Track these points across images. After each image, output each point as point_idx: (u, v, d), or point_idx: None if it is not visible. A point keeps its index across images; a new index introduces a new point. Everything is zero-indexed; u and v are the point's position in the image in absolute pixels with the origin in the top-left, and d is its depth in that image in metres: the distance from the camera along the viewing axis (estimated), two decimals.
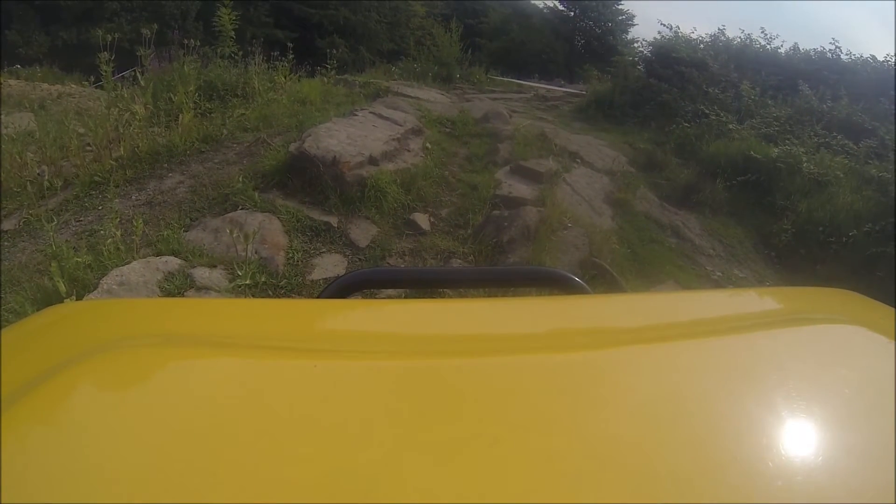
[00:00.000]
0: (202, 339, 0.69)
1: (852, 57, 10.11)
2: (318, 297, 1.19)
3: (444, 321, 0.79)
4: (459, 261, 3.99)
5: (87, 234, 3.83)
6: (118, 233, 3.31)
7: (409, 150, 5.56)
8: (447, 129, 6.82)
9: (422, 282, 1.70)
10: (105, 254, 3.22)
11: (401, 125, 5.93)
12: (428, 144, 5.93)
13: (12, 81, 9.08)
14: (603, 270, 3.91)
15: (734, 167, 6.97)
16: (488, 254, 3.99)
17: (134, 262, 3.14)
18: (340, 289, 1.14)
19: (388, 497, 0.39)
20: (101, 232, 3.63)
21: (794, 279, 5.67)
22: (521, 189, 5.03)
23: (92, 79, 8.48)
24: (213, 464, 0.42)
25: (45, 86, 9.38)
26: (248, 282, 3.09)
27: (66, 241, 3.64)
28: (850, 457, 0.46)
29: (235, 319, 0.79)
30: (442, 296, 2.88)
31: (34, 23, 20.31)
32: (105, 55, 5.38)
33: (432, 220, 4.57)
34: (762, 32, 10.68)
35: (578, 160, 6.25)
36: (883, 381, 0.58)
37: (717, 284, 4.90)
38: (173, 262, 3.19)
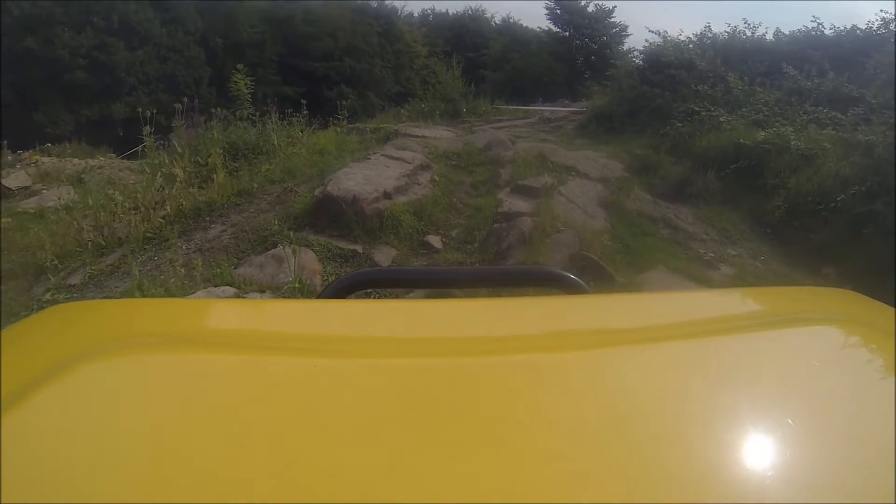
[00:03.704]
0: (202, 339, 0.74)
1: (836, 30, 10.77)
2: (318, 298, 1.28)
3: (444, 321, 0.82)
4: None
5: (148, 278, 4.64)
6: (182, 271, 4.27)
7: (418, 184, 6.47)
8: (453, 162, 7.70)
9: (421, 282, 1.83)
10: (174, 287, 4.17)
11: (409, 163, 6.84)
12: (436, 177, 6.83)
13: (45, 159, 9.96)
14: (591, 262, 4.71)
15: (725, 157, 7.60)
16: (491, 260, 4.88)
17: (199, 291, 4.10)
18: (340, 289, 1.19)
19: (389, 497, 0.41)
20: (161, 277, 4.55)
21: (789, 250, 6.25)
22: (519, 205, 5.89)
23: (134, 150, 9.59)
24: (213, 463, 0.44)
25: (76, 160, 10.26)
26: (297, 285, 4.01)
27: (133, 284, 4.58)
28: (851, 457, 0.47)
29: (235, 319, 0.85)
30: (442, 296, 2.99)
31: (58, 103, 22.19)
32: (147, 129, 6.53)
33: (444, 240, 5.47)
34: (745, 23, 11.42)
35: (573, 173, 7.09)
36: (883, 380, 0.60)
37: (709, 264, 5.61)
38: (230, 290, 4.15)
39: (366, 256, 4.98)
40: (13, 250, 5.88)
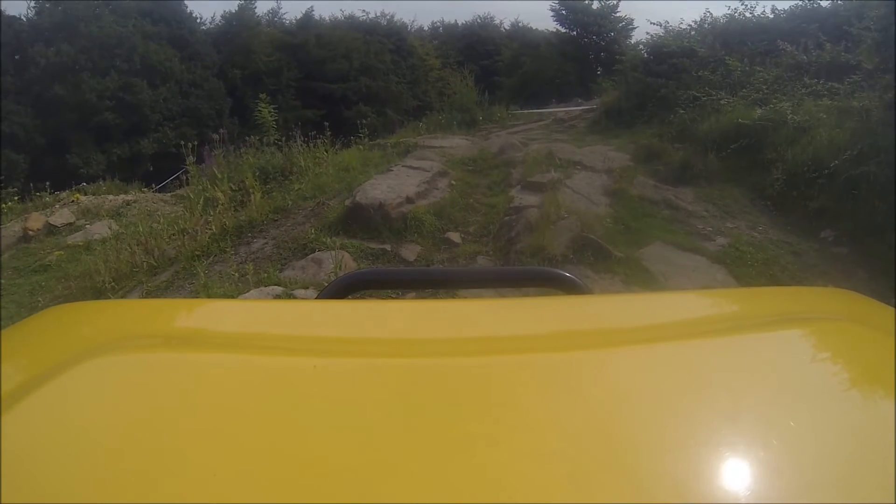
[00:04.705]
0: (202, 339, 0.79)
1: (832, 2, 11.27)
2: (317, 298, 1.31)
3: (444, 321, 0.87)
4: (484, 258, 5.65)
5: (205, 287, 5.42)
6: (236, 275, 5.15)
7: (438, 189, 7.26)
8: (469, 167, 8.47)
9: (421, 282, 1.88)
10: (231, 289, 5.03)
11: (429, 171, 7.67)
12: (453, 181, 7.62)
13: (83, 198, 10.73)
14: (591, 241, 5.45)
15: (726, 137, 8.14)
16: (503, 246, 5.68)
17: (252, 290, 4.96)
18: (340, 289, 1.23)
19: (388, 496, 0.43)
20: (218, 283, 5.40)
21: (788, 219, 6.80)
22: (529, 199, 6.65)
23: (165, 182, 10.38)
24: (212, 463, 0.47)
25: (111, 197, 10.99)
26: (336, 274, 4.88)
27: (189, 293, 5.43)
28: (850, 457, 0.49)
29: (235, 320, 0.89)
30: (441, 296, 3.15)
31: (90, 144, 23.80)
32: (191, 159, 7.63)
33: (462, 235, 6.26)
34: (743, 4, 11.88)
35: (579, 167, 7.82)
36: (883, 380, 0.61)
37: (706, 237, 6.27)
38: (278, 289, 4.98)
39: (394, 253, 5.81)
40: (69, 278, 6.75)
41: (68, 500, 0.42)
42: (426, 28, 38.43)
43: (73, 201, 10.70)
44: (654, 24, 12.58)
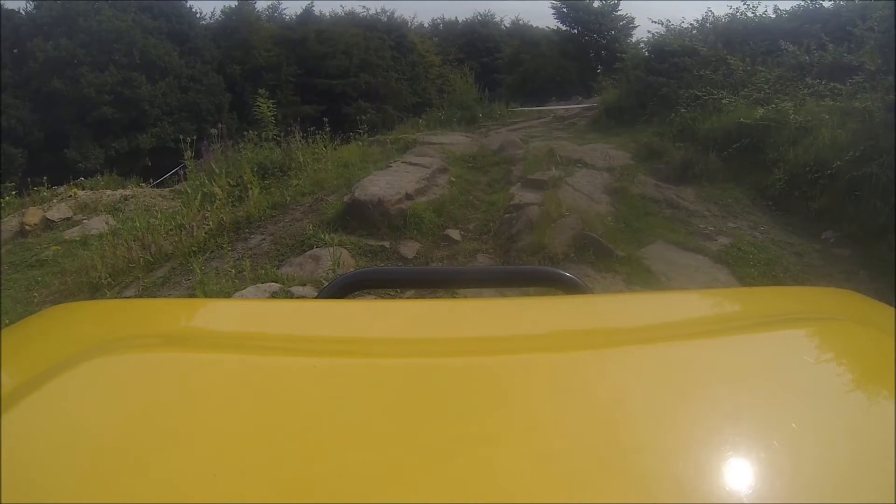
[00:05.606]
0: (202, 339, 0.80)
1: (835, 2, 11.19)
2: (317, 297, 1.31)
3: (444, 321, 0.87)
4: (485, 256, 5.59)
5: (201, 284, 5.34)
6: (233, 271, 5.10)
7: (437, 185, 7.21)
8: (469, 164, 8.39)
9: (421, 282, 1.92)
10: (228, 286, 4.98)
11: (428, 167, 7.60)
12: (453, 178, 7.56)
13: (81, 192, 10.68)
14: (592, 240, 5.40)
15: (728, 137, 8.09)
16: (503, 244, 5.62)
17: (249, 287, 4.90)
18: (340, 289, 1.23)
19: (388, 497, 0.43)
20: (215, 279, 5.34)
21: (789, 219, 6.77)
22: (529, 197, 6.60)
23: (163, 177, 10.42)
24: (212, 464, 0.47)
25: (109, 192, 10.98)
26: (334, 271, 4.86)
27: (186, 290, 5.38)
28: (850, 457, 0.49)
29: (235, 319, 0.90)
30: (441, 296, 3.14)
31: (88, 139, 23.87)
32: (189, 153, 7.57)
33: (462, 232, 6.19)
34: (745, 4, 11.75)
35: (580, 165, 7.76)
36: (883, 380, 0.62)
37: (707, 236, 6.23)
38: (275, 286, 4.94)
39: (393, 250, 5.75)
40: (66, 273, 6.69)
41: (68, 500, 0.42)
42: (426, 25, 38.68)
43: (70, 196, 10.64)
44: (655, 22, 12.59)
